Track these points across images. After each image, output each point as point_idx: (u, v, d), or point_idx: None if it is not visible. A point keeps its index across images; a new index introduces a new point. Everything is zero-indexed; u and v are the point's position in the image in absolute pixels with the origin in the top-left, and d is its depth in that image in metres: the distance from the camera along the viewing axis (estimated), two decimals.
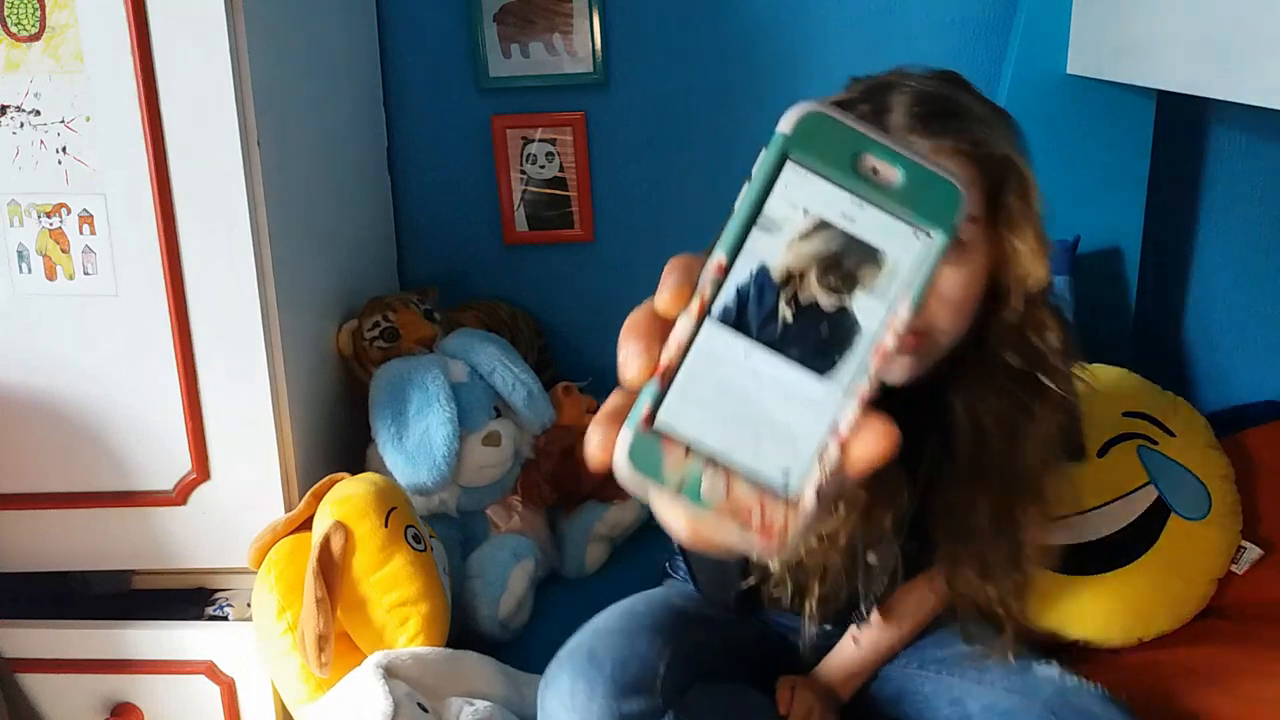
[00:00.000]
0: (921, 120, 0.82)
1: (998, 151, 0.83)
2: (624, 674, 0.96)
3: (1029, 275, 0.85)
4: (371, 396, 1.43)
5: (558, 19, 1.72)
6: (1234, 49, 1.15)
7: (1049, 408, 0.89)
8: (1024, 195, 0.84)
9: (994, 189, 0.84)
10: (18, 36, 1.22)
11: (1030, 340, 0.88)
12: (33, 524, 1.37)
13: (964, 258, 0.83)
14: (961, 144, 0.82)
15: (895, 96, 0.83)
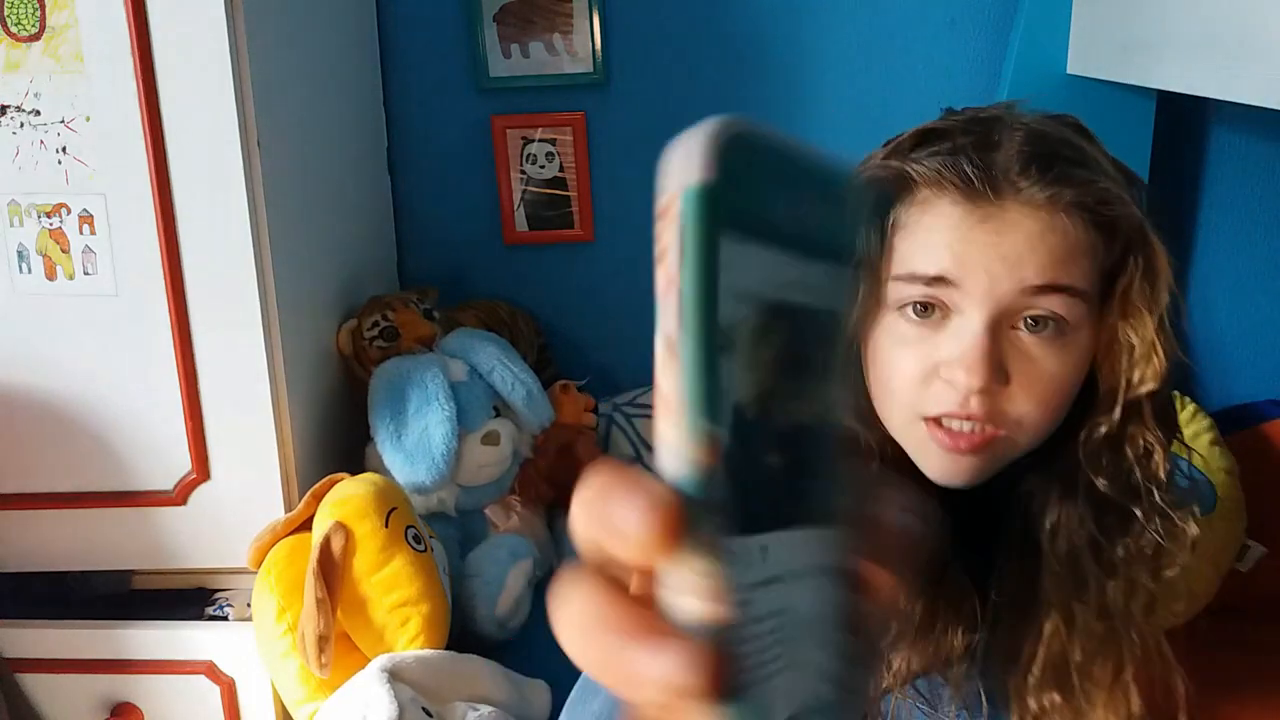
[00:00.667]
0: (1036, 161, 0.65)
1: (1128, 216, 0.66)
2: None
3: (1138, 378, 0.67)
4: (371, 396, 1.43)
5: (558, 19, 1.72)
6: (1234, 49, 1.15)
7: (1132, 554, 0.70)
8: (1151, 276, 0.66)
9: (1115, 262, 0.67)
10: (18, 36, 1.22)
11: (1126, 460, 0.69)
12: (33, 524, 1.37)
13: (1064, 339, 0.65)
14: (1085, 197, 0.65)
15: (1005, 131, 0.67)
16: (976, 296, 0.64)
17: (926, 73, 1.74)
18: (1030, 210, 0.64)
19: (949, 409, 0.65)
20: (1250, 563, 1.34)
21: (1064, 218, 0.64)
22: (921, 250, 0.65)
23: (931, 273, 0.65)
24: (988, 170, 0.64)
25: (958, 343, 0.64)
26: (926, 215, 0.66)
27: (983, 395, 0.64)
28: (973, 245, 0.64)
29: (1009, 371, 0.64)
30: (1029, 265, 0.63)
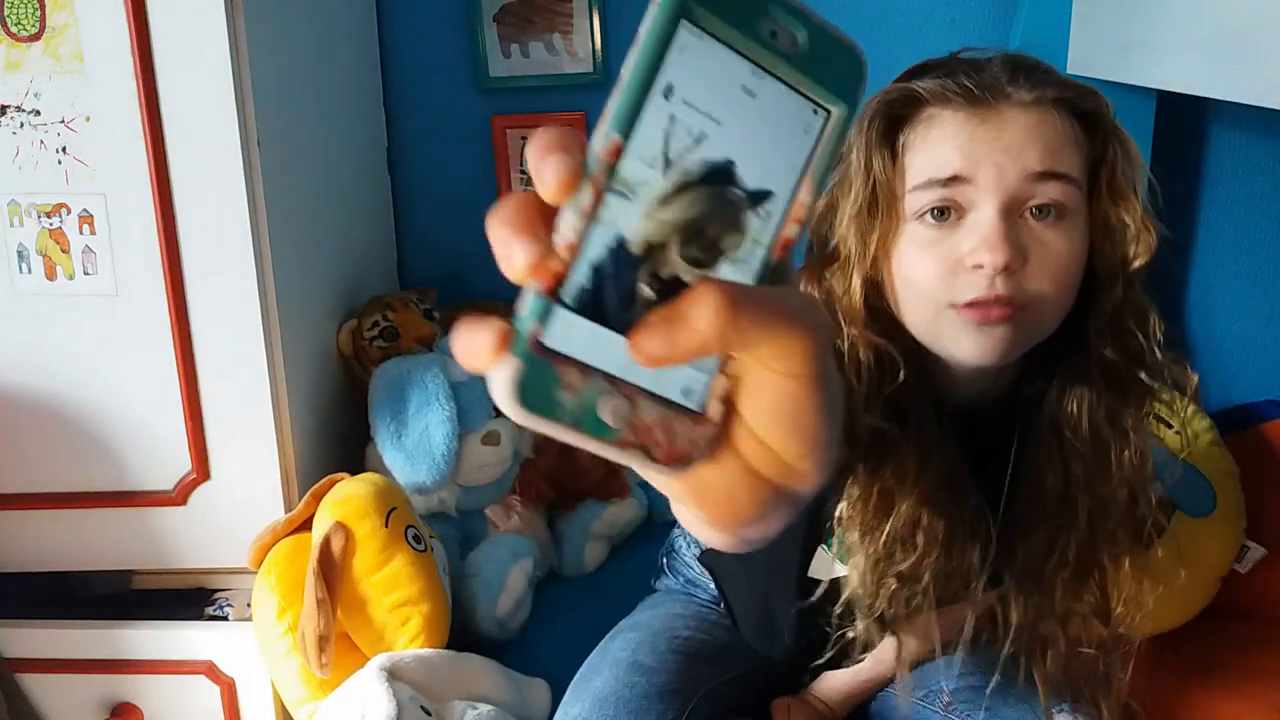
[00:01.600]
0: (1021, 71, 0.75)
1: (1103, 114, 0.76)
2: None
3: (1132, 254, 0.76)
4: (371, 396, 1.43)
5: (558, 19, 1.72)
6: (1234, 49, 1.15)
7: (1138, 419, 0.78)
8: (1129, 163, 0.76)
9: (1097, 153, 0.76)
10: (18, 36, 1.22)
11: (1129, 329, 0.77)
12: (33, 524, 1.37)
13: (1065, 223, 0.74)
14: (1066, 93, 0.74)
15: (991, 57, 0.78)
16: (988, 188, 0.72)
17: None
18: (1022, 108, 0.73)
19: (977, 295, 0.72)
20: (1250, 564, 1.34)
21: (1052, 112, 0.73)
22: (934, 158, 0.74)
23: (946, 175, 0.73)
24: (981, 80, 0.74)
25: (978, 232, 0.72)
26: (934, 129, 0.75)
27: (1007, 274, 0.71)
28: (979, 144, 0.73)
29: (1025, 253, 0.72)
30: (1029, 154, 0.72)
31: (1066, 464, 0.79)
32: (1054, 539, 0.80)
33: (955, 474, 0.80)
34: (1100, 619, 0.83)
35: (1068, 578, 0.81)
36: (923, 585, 0.79)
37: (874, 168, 0.76)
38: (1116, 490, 0.78)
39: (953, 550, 0.79)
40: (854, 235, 0.77)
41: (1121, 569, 0.81)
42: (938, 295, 0.75)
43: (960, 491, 0.79)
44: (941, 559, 0.79)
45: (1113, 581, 0.82)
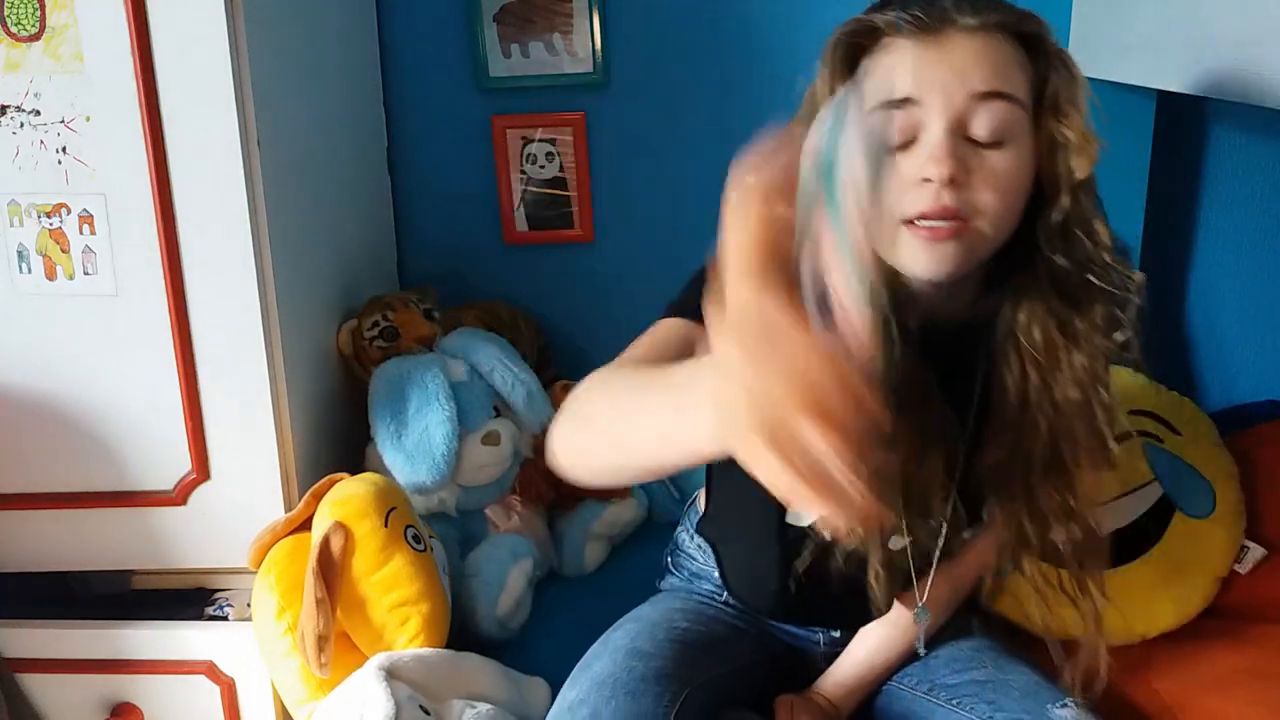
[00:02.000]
0: (969, 1, 0.80)
1: (1047, 38, 0.81)
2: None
3: (1076, 166, 0.81)
4: (371, 396, 1.43)
5: (558, 19, 1.72)
6: (1234, 49, 1.15)
7: (1089, 325, 0.84)
8: (1071, 84, 0.81)
9: (1040, 75, 0.81)
10: (18, 36, 1.22)
11: (1077, 237, 0.83)
12: (33, 524, 1.37)
13: (1010, 144, 0.80)
14: (1010, 18, 0.80)
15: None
16: (936, 108, 0.78)
17: None
18: (968, 33, 0.79)
19: (925, 207, 0.79)
20: (1249, 564, 1.34)
21: (996, 36, 0.79)
22: (886, 81, 0.80)
23: (898, 96, 0.79)
24: (931, 9, 0.80)
25: (927, 149, 0.78)
26: (889, 55, 0.81)
27: (952, 187, 0.78)
28: (927, 67, 0.79)
29: (970, 169, 0.79)
30: (975, 75, 0.78)
31: (1023, 371, 0.85)
32: (1018, 443, 0.86)
33: (916, 385, 0.85)
34: (1068, 516, 0.89)
35: (1035, 479, 0.87)
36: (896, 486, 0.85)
37: (836, 93, 0.82)
38: (1069, 392, 0.84)
39: (920, 459, 0.85)
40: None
41: (1082, 468, 0.86)
42: (892, 211, 0.80)
43: (922, 403, 0.85)
44: (911, 464, 0.85)
45: (1077, 480, 0.87)
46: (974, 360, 0.89)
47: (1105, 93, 1.61)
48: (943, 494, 0.90)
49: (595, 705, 0.91)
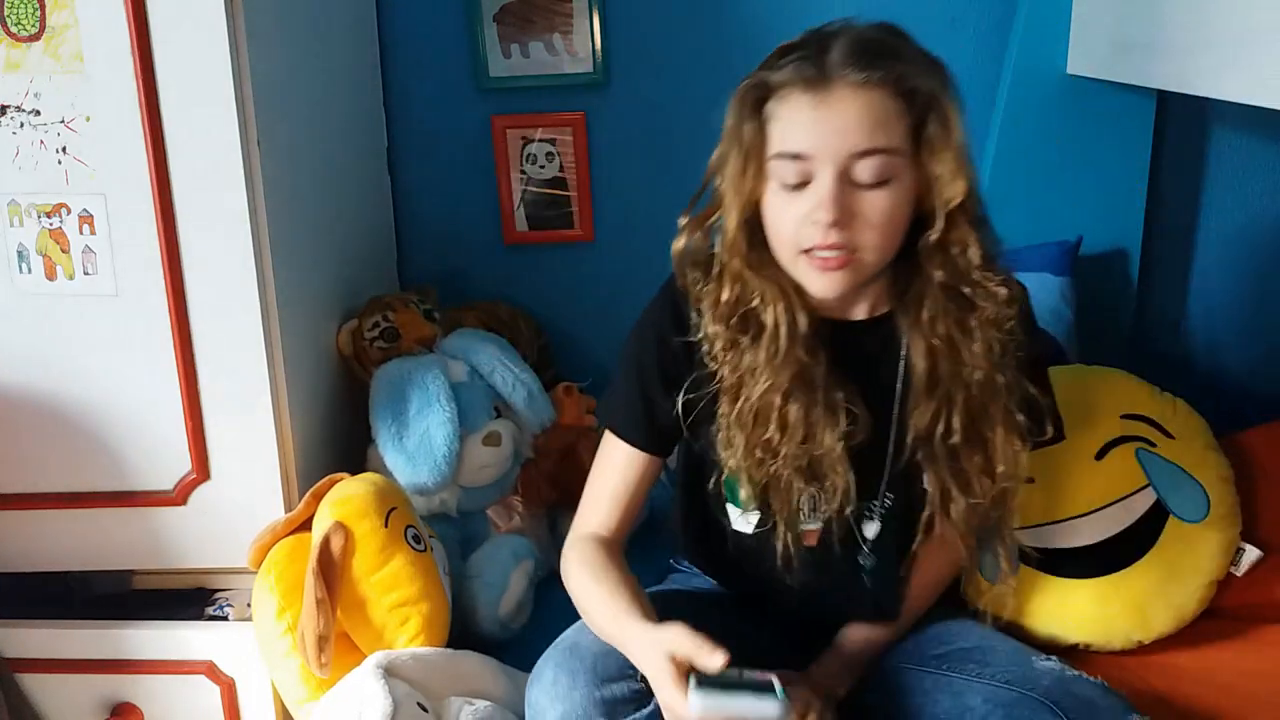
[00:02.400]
0: (854, 56, 0.92)
1: (922, 88, 0.93)
2: (605, 664, 0.98)
3: (948, 197, 0.95)
4: (372, 396, 1.43)
5: (558, 19, 1.72)
6: (1234, 49, 1.15)
7: (981, 321, 0.99)
8: (944, 125, 0.94)
9: (917, 121, 0.94)
10: (18, 36, 1.22)
11: (950, 255, 0.98)
12: (33, 524, 1.37)
13: (889, 185, 0.93)
14: (889, 78, 0.92)
15: (836, 39, 0.94)
16: (824, 162, 0.93)
17: None
18: (853, 90, 0.92)
19: (817, 241, 0.94)
20: (1245, 566, 1.34)
21: (877, 91, 0.92)
22: (784, 134, 0.95)
23: (791, 150, 0.94)
24: (821, 66, 0.92)
25: (817, 195, 0.93)
26: (784, 107, 0.95)
27: (837, 227, 0.93)
28: (816, 125, 0.93)
29: (854, 212, 0.94)
30: (856, 135, 0.92)
31: (934, 358, 1.00)
32: (937, 415, 1.01)
33: (808, 372, 1.00)
34: (988, 476, 1.03)
35: (955, 444, 1.01)
36: (782, 458, 1.01)
37: (744, 136, 0.97)
38: (974, 375, 0.99)
39: (811, 434, 1.00)
40: (730, 187, 0.99)
41: (998, 435, 1.01)
42: (792, 241, 0.96)
43: (815, 385, 1.00)
44: (800, 440, 1.00)
45: (993, 446, 1.02)
46: (896, 348, 1.04)
47: (1105, 93, 1.62)
48: (841, 467, 1.02)
49: (575, 639, 1.03)
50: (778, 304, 0.99)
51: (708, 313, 1.02)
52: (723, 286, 1.01)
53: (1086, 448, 1.34)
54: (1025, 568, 1.31)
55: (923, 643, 1.13)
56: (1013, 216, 1.72)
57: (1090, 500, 1.32)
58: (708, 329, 1.02)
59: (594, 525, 1.12)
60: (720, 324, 1.02)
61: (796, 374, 1.00)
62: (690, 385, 1.04)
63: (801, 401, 1.00)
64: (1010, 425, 1.01)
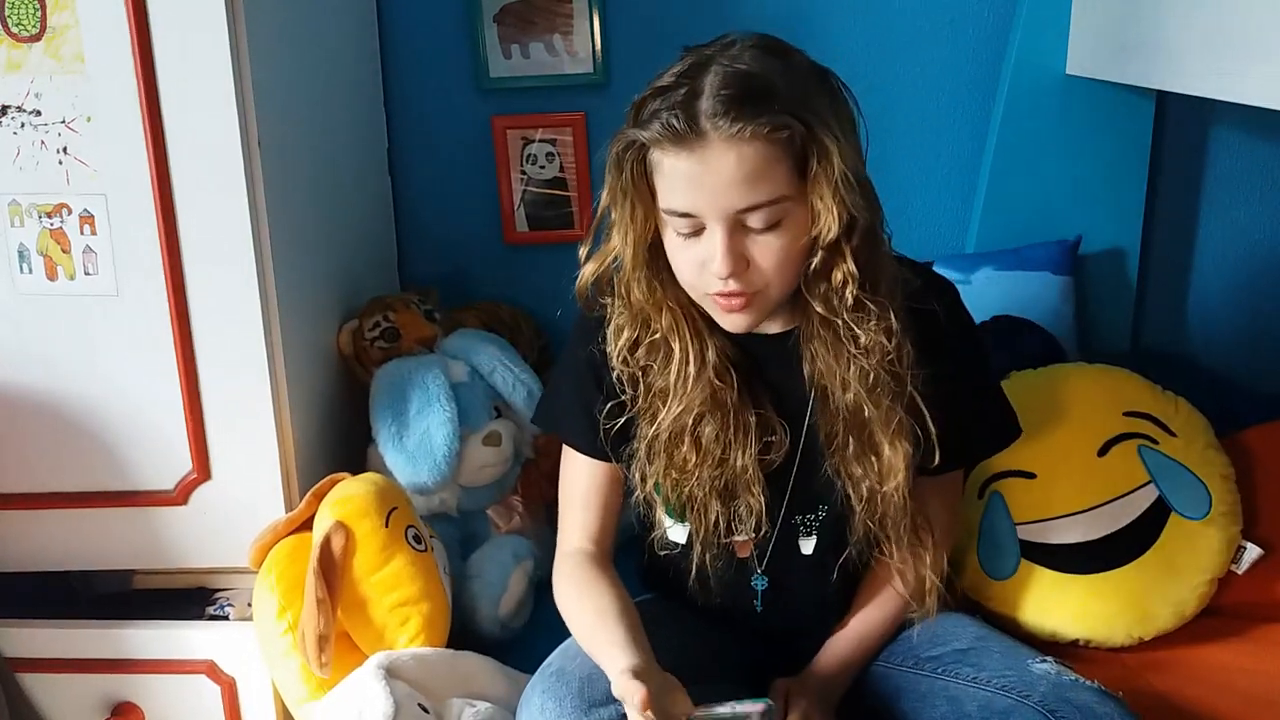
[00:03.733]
0: (725, 104, 0.89)
1: (797, 131, 0.91)
2: (592, 688, 0.99)
3: (825, 228, 0.94)
4: (372, 397, 1.43)
5: (558, 19, 1.72)
6: (1233, 49, 1.15)
7: (857, 350, 0.98)
8: (824, 161, 0.92)
9: (798, 161, 0.92)
10: (18, 37, 1.22)
11: (830, 288, 0.97)
12: (33, 524, 1.37)
13: (779, 228, 0.93)
14: (762, 128, 0.89)
15: (707, 79, 0.91)
16: (711, 218, 0.92)
17: (926, 73, 1.75)
18: (725, 144, 0.89)
19: (718, 289, 0.95)
20: (1246, 564, 1.34)
21: (750, 145, 0.89)
22: (669, 192, 0.94)
23: (679, 210, 0.93)
24: (693, 117, 0.90)
25: (710, 248, 0.93)
26: (665, 161, 0.93)
27: (734, 277, 0.94)
28: (697, 185, 0.91)
29: (748, 258, 0.94)
30: (735, 193, 0.91)
31: (828, 373, 1.01)
32: (831, 426, 1.03)
33: (720, 395, 1.01)
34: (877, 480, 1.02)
35: (851, 454, 1.02)
36: (697, 479, 1.03)
37: (628, 189, 0.96)
38: (848, 397, 1.00)
39: (725, 455, 1.02)
40: (621, 231, 0.98)
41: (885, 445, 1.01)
42: (694, 285, 0.97)
43: (728, 407, 1.01)
44: (716, 462, 1.02)
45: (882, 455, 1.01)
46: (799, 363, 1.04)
47: (1105, 93, 1.63)
48: (756, 487, 1.04)
49: (561, 664, 1.04)
50: (683, 333, 1.00)
51: (612, 344, 1.04)
52: (626, 320, 1.03)
53: (1089, 444, 1.34)
54: (1026, 562, 1.32)
55: (916, 644, 1.12)
56: (1013, 216, 1.72)
57: (1092, 496, 1.32)
58: (616, 359, 1.04)
59: (575, 539, 1.12)
60: (627, 352, 1.03)
61: (709, 397, 1.01)
62: (610, 410, 1.05)
63: (716, 423, 1.01)
64: (893, 449, 1.01)
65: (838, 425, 1.02)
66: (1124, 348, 1.78)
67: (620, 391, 1.05)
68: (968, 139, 1.76)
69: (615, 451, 1.07)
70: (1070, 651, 1.29)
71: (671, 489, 1.05)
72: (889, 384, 0.99)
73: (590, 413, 1.07)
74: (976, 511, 1.35)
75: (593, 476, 1.12)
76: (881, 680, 1.12)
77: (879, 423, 1.00)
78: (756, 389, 1.05)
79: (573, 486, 1.14)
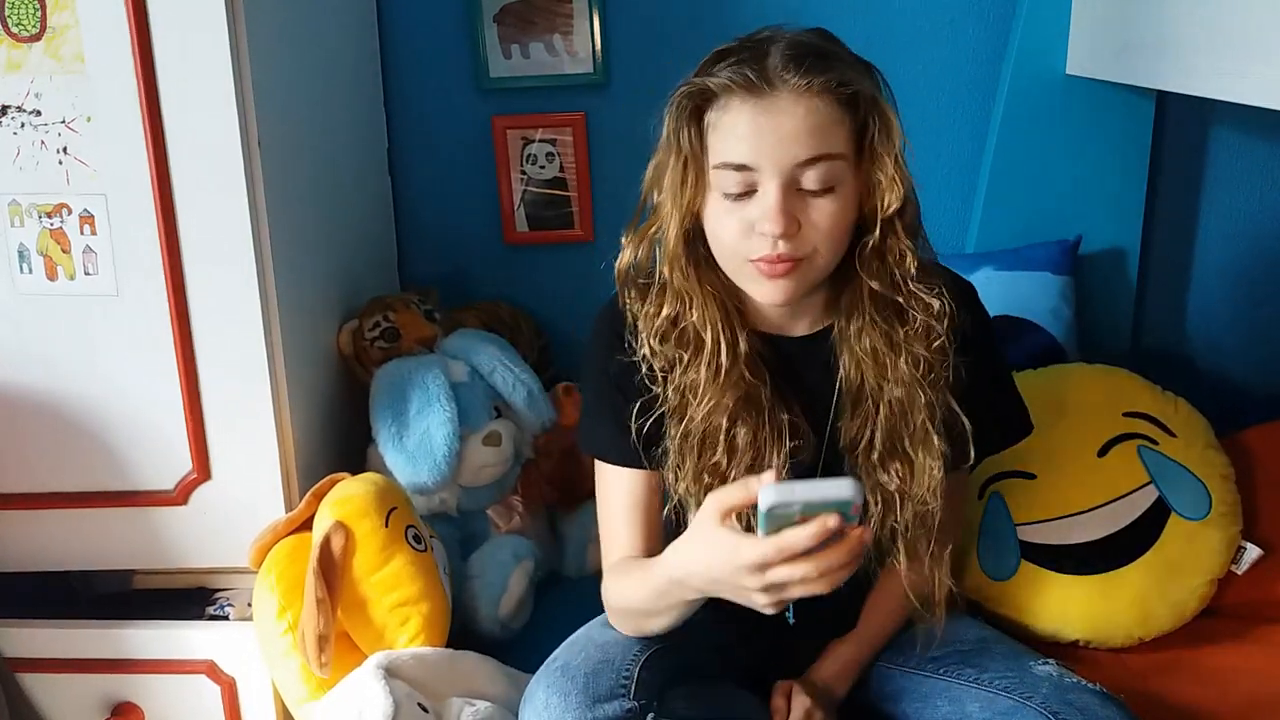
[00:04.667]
0: (794, 61, 0.90)
1: (864, 91, 0.92)
2: (596, 684, 0.97)
3: (887, 203, 0.94)
4: (372, 396, 1.43)
5: (558, 19, 1.72)
6: (1234, 49, 1.15)
7: (909, 335, 0.98)
8: (886, 131, 0.93)
9: (859, 126, 0.93)
10: (18, 37, 1.22)
11: (886, 265, 0.97)
12: (33, 524, 1.37)
13: (834, 192, 0.93)
14: (830, 83, 0.91)
15: (771, 45, 0.92)
16: (769, 172, 0.91)
17: (926, 73, 1.75)
18: (794, 96, 0.90)
19: (764, 254, 0.93)
20: (1246, 565, 1.34)
21: (819, 98, 0.90)
22: (727, 145, 0.93)
23: (737, 162, 0.92)
24: (762, 71, 0.91)
25: (762, 206, 0.92)
26: (727, 115, 0.92)
27: (785, 238, 0.92)
28: (760, 135, 0.91)
29: (799, 220, 0.92)
30: (800, 144, 0.90)
31: (862, 374, 1.00)
32: (862, 426, 1.01)
33: (754, 393, 0.99)
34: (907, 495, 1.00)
35: (876, 459, 1.00)
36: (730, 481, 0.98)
37: (683, 144, 0.95)
38: (895, 391, 0.98)
39: (758, 457, 1.00)
40: (669, 198, 0.97)
41: (918, 455, 0.99)
42: (737, 251, 0.95)
43: (762, 407, 1.00)
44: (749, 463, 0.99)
45: (913, 464, 0.99)
46: (834, 362, 1.03)
47: (1105, 93, 1.63)
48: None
49: (566, 660, 1.02)
50: (716, 322, 0.99)
51: (644, 331, 1.02)
52: (663, 302, 1.01)
53: (1089, 445, 1.34)
54: (1026, 563, 1.32)
55: (920, 644, 1.12)
56: (1013, 216, 1.72)
57: (1092, 497, 1.33)
58: (646, 348, 1.01)
59: (621, 553, 1.09)
60: (658, 341, 1.01)
61: (743, 396, 0.99)
62: (639, 408, 1.02)
63: (749, 424, 0.99)
64: (928, 447, 0.99)
65: (871, 426, 1.00)
66: (1124, 348, 1.78)
67: (648, 388, 1.01)
68: (968, 139, 1.76)
69: (648, 454, 1.04)
70: (1071, 652, 1.29)
71: (703, 493, 1.00)
72: (941, 372, 0.98)
73: (621, 422, 1.03)
74: (977, 512, 1.35)
75: (631, 490, 1.07)
76: (883, 681, 1.12)
77: (921, 417, 0.98)
78: (786, 391, 1.02)
79: (612, 503, 1.09)
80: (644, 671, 0.99)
